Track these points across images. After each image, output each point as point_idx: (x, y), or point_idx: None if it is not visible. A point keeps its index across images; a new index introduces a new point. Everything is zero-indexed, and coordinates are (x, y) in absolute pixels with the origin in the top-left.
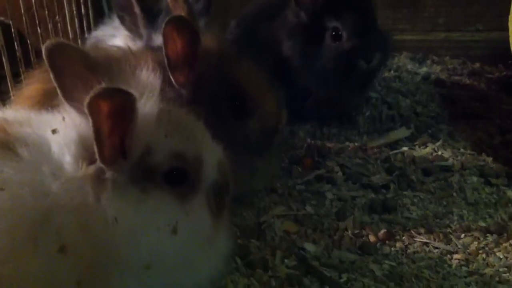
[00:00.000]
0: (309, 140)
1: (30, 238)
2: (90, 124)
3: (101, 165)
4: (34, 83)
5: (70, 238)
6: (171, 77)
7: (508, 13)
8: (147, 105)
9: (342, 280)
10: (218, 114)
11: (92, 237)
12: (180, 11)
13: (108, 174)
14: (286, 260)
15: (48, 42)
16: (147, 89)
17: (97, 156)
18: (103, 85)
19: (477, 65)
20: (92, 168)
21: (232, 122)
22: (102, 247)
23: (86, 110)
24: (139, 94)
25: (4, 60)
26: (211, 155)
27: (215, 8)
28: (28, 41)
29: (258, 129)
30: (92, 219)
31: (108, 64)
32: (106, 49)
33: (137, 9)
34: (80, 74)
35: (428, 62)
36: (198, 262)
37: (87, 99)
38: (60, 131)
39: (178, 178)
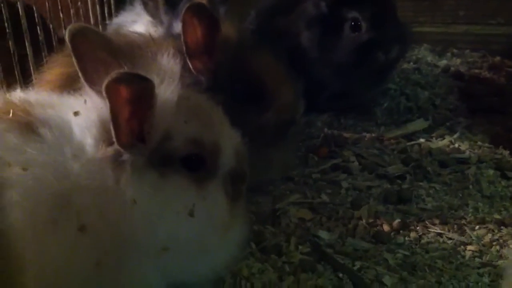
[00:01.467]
0: (326, 130)
1: (51, 218)
2: (108, 107)
3: (118, 147)
4: (56, 67)
5: (90, 219)
6: (189, 63)
7: None
8: (167, 91)
9: (355, 268)
10: (235, 103)
11: (111, 219)
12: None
13: (125, 156)
14: (300, 247)
15: (71, 26)
16: (168, 75)
17: (114, 138)
18: (122, 70)
19: (497, 58)
20: (110, 150)
21: (249, 111)
22: (120, 229)
23: (104, 93)
24: (159, 80)
25: (26, 43)
26: (229, 142)
27: None
28: (51, 26)
29: (274, 119)
30: (111, 201)
31: (130, 50)
32: (128, 35)
33: None
34: (102, 59)
35: (448, 54)
36: (214, 246)
37: (105, 83)
38: (82, 113)
39: (196, 163)
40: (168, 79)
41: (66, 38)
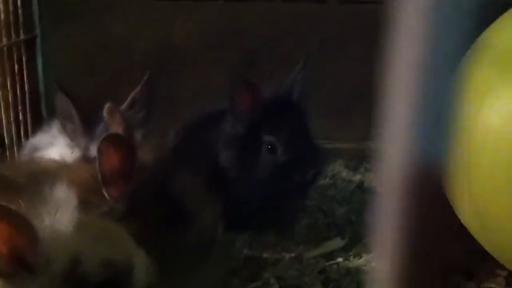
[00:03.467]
0: (245, 251)
1: None
2: None
3: None
4: None
5: None
6: (104, 191)
7: None
8: (64, 219)
9: None
10: (154, 227)
11: None
12: (116, 126)
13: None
14: None
15: None
16: (64, 204)
17: None
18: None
19: None
20: None
21: (169, 234)
22: None
23: None
24: (55, 209)
25: None
26: (141, 263)
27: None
28: None
29: (195, 241)
30: None
31: (27, 184)
32: (39, 162)
33: (75, 118)
34: None
35: (362, 169)
36: None
37: None
38: None
39: (111, 286)
40: (65, 208)
41: None
